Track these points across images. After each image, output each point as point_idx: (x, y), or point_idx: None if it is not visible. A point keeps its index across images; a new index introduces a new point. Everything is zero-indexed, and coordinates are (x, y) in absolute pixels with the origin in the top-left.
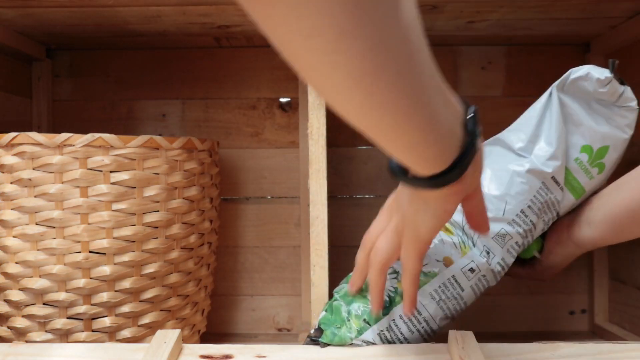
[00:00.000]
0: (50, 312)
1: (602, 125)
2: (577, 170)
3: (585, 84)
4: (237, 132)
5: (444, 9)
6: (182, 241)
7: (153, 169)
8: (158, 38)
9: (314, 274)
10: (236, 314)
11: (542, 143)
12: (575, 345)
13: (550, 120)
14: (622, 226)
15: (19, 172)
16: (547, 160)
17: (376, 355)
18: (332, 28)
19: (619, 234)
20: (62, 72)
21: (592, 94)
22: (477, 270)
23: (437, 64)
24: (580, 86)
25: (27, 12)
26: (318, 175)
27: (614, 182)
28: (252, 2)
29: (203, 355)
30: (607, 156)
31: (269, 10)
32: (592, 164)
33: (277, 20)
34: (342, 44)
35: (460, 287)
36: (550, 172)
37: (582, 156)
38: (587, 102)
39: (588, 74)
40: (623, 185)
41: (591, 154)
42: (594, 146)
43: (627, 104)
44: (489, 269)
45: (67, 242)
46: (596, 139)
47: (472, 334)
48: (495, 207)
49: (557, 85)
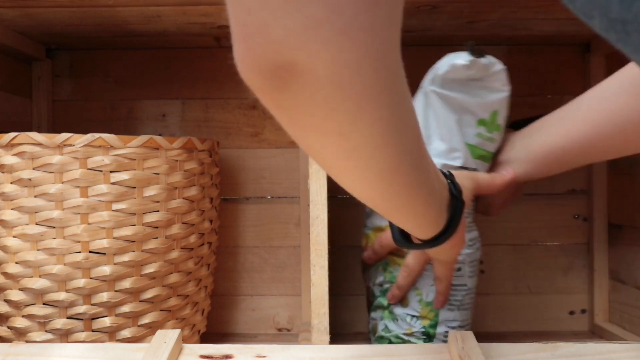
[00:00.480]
0: (50, 312)
1: (485, 96)
2: (482, 143)
3: (454, 74)
4: (237, 132)
5: (444, 9)
6: (182, 241)
7: (153, 169)
8: (158, 38)
9: (314, 274)
10: (236, 314)
11: (436, 142)
12: (575, 345)
13: (436, 117)
14: (544, 165)
15: (19, 172)
16: (448, 155)
17: (376, 355)
18: (368, 145)
19: (542, 172)
20: (62, 72)
21: (464, 78)
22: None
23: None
24: (451, 77)
25: (27, 12)
26: (318, 175)
27: (535, 124)
28: (303, 134)
29: (203, 355)
30: (499, 117)
31: (320, 141)
32: (490, 131)
33: (328, 149)
34: (377, 154)
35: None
36: (458, 164)
37: (481, 129)
38: (463, 85)
39: (453, 66)
40: (545, 128)
41: (486, 123)
42: (485, 117)
43: (494, 68)
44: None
45: (67, 242)
46: (486, 110)
47: (472, 334)
48: None
49: (429, 83)
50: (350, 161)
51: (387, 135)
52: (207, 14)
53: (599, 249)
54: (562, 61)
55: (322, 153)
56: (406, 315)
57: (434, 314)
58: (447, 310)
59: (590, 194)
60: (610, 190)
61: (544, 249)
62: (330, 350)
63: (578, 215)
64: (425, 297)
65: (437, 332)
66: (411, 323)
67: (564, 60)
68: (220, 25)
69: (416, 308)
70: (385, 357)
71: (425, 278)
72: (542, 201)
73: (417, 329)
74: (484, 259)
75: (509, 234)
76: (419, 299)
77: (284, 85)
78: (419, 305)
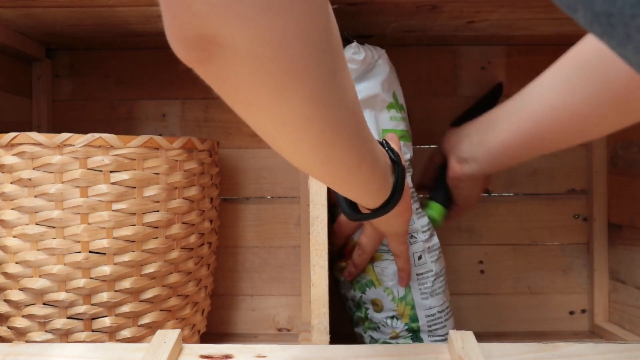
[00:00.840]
0: (50, 312)
1: (377, 85)
2: (398, 124)
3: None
4: (237, 132)
5: (444, 9)
6: (182, 241)
7: (153, 169)
8: (158, 38)
9: (314, 274)
10: (236, 314)
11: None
12: (575, 345)
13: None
14: (501, 160)
15: (19, 172)
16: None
17: (376, 355)
18: (299, 118)
19: (502, 165)
20: (62, 72)
21: (360, 68)
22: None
23: (437, 64)
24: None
25: (27, 12)
26: None
27: (486, 116)
28: (235, 106)
29: (203, 355)
30: (398, 97)
31: (252, 103)
32: (399, 110)
33: (261, 122)
34: (310, 128)
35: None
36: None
37: (392, 112)
38: (362, 76)
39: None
40: (497, 123)
41: (394, 106)
42: (390, 100)
43: (377, 51)
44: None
45: (67, 242)
46: (386, 95)
47: (472, 334)
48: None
49: None
50: (284, 135)
51: (318, 110)
52: None
53: (599, 249)
54: None
55: (257, 125)
56: (385, 319)
57: (410, 308)
58: (421, 300)
59: (590, 194)
60: (610, 190)
61: (544, 249)
62: (330, 350)
63: (578, 215)
64: (396, 294)
65: (420, 324)
66: (392, 325)
67: None
68: None
69: (392, 307)
70: (385, 357)
71: (390, 277)
72: (542, 201)
73: (400, 329)
74: (484, 259)
75: (509, 234)
76: (391, 298)
77: (208, 57)
78: (393, 303)
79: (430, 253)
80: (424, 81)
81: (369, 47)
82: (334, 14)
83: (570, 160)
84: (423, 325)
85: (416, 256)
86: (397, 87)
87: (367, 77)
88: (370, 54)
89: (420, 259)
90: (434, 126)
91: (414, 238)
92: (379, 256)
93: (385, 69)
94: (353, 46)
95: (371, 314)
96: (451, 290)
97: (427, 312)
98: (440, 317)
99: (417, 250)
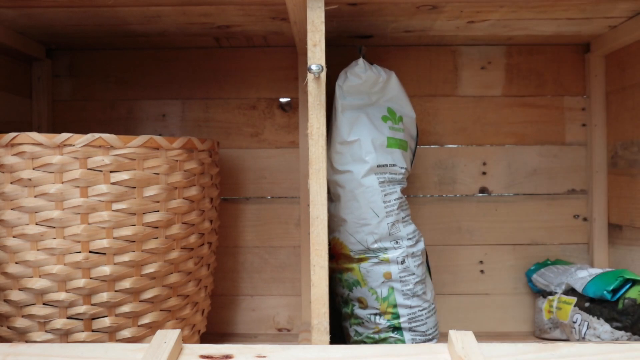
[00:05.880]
0: (50, 312)
1: (376, 103)
2: (395, 133)
3: (353, 83)
4: (237, 132)
5: (444, 9)
6: (182, 241)
7: (153, 169)
8: (158, 38)
9: (314, 274)
10: (236, 314)
11: (370, 154)
12: (575, 345)
13: (359, 124)
14: None
15: (19, 172)
16: (380, 159)
17: (376, 355)
18: None
19: None
20: (62, 72)
21: (363, 88)
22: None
23: (437, 63)
24: (354, 83)
25: (27, 12)
26: (318, 175)
27: None
28: None
29: (203, 355)
30: (396, 110)
31: None
32: (396, 122)
33: None
34: None
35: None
36: (390, 162)
37: (389, 124)
38: (361, 97)
39: (354, 74)
40: None
41: (390, 117)
42: (385, 113)
43: (373, 70)
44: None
45: (67, 242)
46: (381, 110)
47: (472, 334)
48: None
49: (340, 97)
50: None
51: None
52: (207, 14)
53: (599, 249)
54: (562, 61)
55: None
56: (369, 315)
57: (392, 307)
58: (403, 300)
59: (590, 194)
60: (610, 190)
61: (544, 249)
62: (330, 350)
63: (578, 215)
64: (379, 294)
65: (401, 321)
66: (376, 321)
67: (564, 60)
68: (220, 25)
69: (375, 306)
70: (385, 357)
71: (374, 278)
72: (542, 201)
73: (383, 325)
74: (484, 259)
75: (509, 234)
76: (375, 297)
77: None
78: (377, 302)
79: (414, 258)
80: (424, 81)
81: (377, 67)
82: (334, 13)
83: (570, 160)
84: (404, 322)
85: (399, 260)
86: (396, 99)
87: (372, 92)
88: (375, 75)
89: (404, 263)
90: (434, 126)
91: (398, 244)
92: (365, 258)
93: (393, 92)
94: (360, 63)
95: (357, 311)
96: (451, 290)
97: (408, 311)
98: (421, 315)
99: (401, 255)
